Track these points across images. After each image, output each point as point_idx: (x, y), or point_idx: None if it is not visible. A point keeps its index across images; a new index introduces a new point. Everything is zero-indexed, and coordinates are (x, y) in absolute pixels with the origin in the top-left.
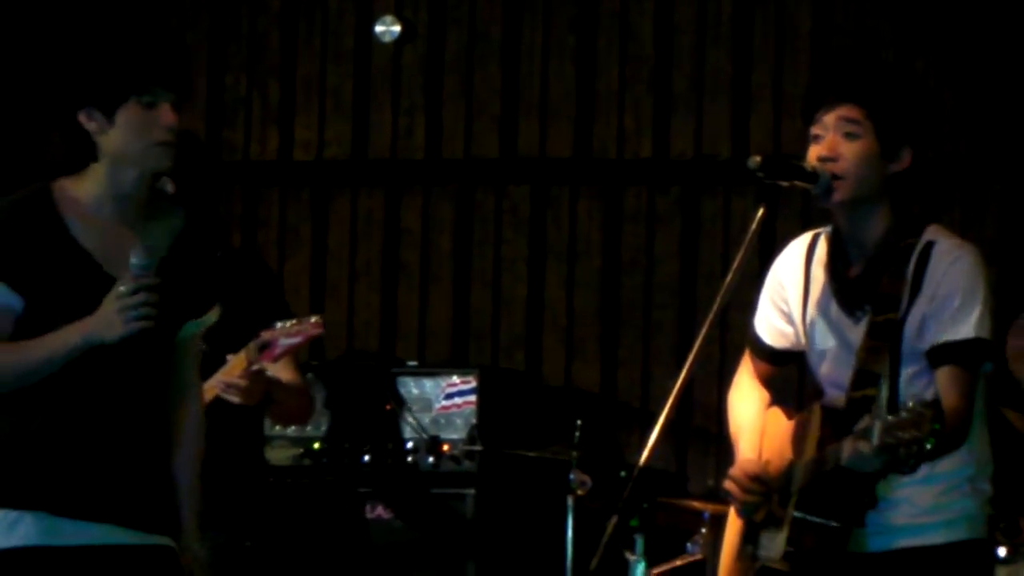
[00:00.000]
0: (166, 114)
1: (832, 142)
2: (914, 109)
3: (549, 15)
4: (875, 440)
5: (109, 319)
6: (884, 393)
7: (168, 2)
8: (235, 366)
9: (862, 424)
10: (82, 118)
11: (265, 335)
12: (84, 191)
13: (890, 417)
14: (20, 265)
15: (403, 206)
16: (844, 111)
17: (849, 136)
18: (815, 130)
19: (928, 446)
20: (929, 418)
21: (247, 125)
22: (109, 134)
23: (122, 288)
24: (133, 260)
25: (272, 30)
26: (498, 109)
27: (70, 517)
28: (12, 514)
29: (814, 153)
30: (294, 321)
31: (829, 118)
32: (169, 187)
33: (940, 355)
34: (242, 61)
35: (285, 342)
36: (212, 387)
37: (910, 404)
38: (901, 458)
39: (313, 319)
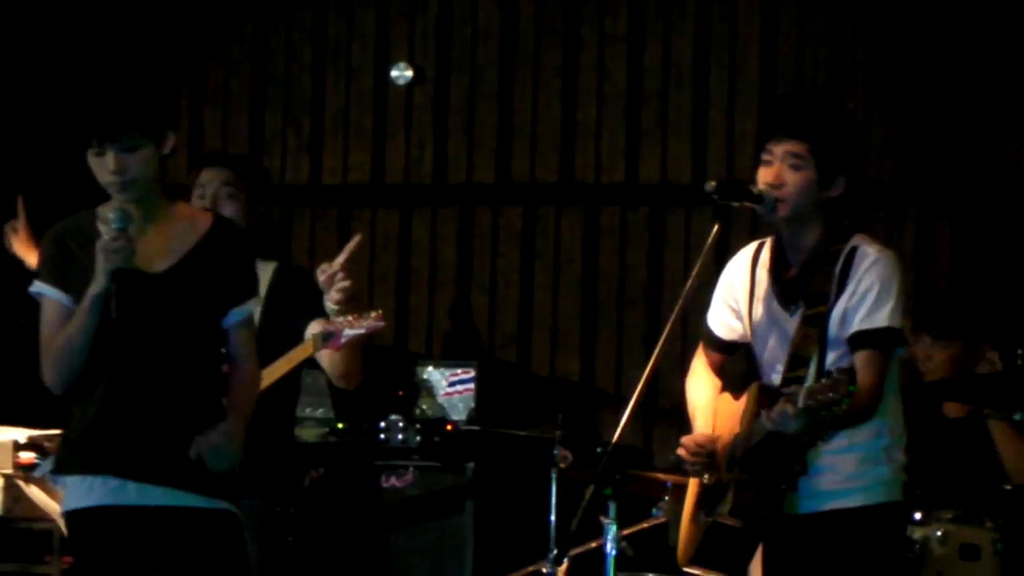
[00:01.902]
0: (109, 161)
1: (779, 170)
2: (850, 147)
3: (538, 62)
4: (800, 402)
5: (98, 270)
6: (812, 373)
7: (215, 53)
8: (300, 352)
9: (789, 389)
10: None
11: (329, 326)
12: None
13: (812, 383)
14: (67, 272)
15: (414, 223)
16: (791, 145)
17: (794, 167)
18: (766, 156)
19: (844, 405)
20: (845, 383)
21: (283, 155)
22: None
23: (106, 234)
24: (109, 215)
25: (304, 75)
26: (494, 141)
27: (133, 480)
28: (88, 479)
29: (763, 176)
30: (356, 314)
31: (778, 149)
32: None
33: (858, 340)
34: (278, 101)
35: (349, 333)
36: (266, 376)
37: (830, 370)
38: (822, 420)
39: (373, 313)
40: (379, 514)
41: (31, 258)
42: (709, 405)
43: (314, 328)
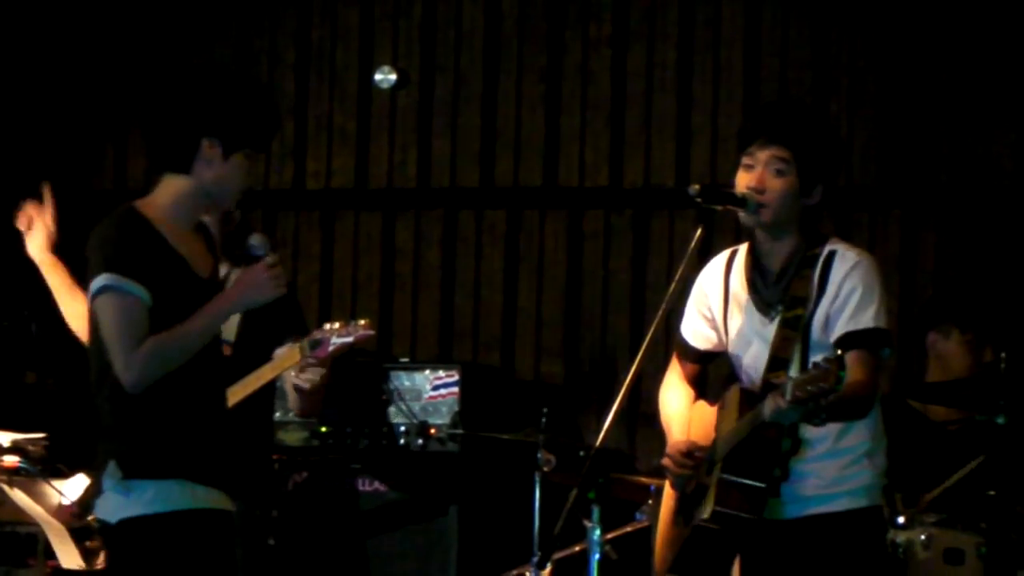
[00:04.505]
0: (255, 168)
1: (761, 176)
2: (830, 156)
3: (521, 66)
4: (788, 395)
5: (261, 285)
6: (792, 375)
7: (198, 54)
8: (287, 359)
9: (778, 381)
10: (205, 143)
11: (317, 334)
12: (162, 207)
13: (800, 374)
14: (142, 267)
15: (398, 227)
16: (775, 151)
17: (778, 173)
18: (747, 160)
19: (838, 391)
20: (833, 371)
21: (266, 158)
22: (215, 166)
23: (269, 260)
24: (254, 242)
25: (288, 77)
26: (478, 145)
27: (202, 484)
28: (164, 483)
29: (744, 180)
30: (342, 322)
31: (762, 154)
32: (236, 212)
33: (846, 342)
34: None
35: (337, 341)
36: (252, 382)
37: (816, 361)
38: (811, 410)
39: (362, 322)
40: (361, 518)
41: (34, 247)
42: (684, 415)
43: (281, 351)
